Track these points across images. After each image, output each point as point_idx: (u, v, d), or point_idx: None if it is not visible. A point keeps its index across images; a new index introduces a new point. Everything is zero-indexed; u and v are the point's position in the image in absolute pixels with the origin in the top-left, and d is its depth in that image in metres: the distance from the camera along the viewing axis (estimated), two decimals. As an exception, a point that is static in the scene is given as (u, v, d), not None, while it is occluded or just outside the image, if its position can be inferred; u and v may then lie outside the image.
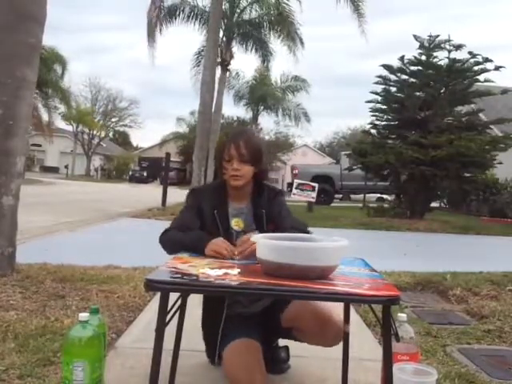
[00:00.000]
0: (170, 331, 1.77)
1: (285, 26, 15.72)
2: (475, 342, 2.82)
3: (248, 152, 2.06)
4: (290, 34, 16.09)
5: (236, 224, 2.13)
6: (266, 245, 1.61)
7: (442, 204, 16.84)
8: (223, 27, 16.26)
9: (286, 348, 2.27)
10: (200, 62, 17.86)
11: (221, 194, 2.15)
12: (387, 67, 12.25)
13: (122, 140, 60.01)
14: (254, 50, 18.05)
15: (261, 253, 1.61)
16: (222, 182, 2.17)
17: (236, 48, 17.93)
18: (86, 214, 9.79)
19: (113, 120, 49.86)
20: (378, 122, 12.97)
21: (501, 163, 11.69)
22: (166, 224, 2.11)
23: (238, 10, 17.27)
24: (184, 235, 2.01)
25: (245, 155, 2.05)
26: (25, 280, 3.48)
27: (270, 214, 2.13)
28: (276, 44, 17.11)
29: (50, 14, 3.89)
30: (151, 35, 15.00)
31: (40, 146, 42.16)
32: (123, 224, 8.90)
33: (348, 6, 13.66)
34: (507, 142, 11.38)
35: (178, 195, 14.94)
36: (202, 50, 17.19)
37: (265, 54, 18.13)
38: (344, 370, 2.07)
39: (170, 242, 2.04)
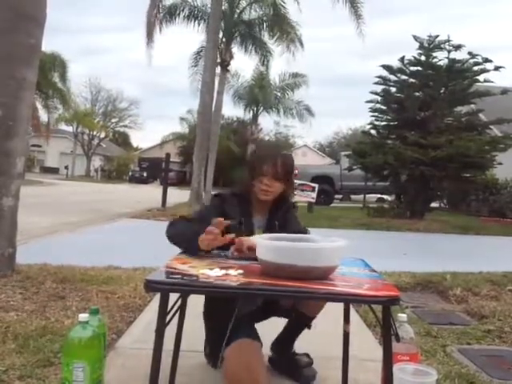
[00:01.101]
0: (170, 332, 1.77)
1: (283, 26, 15.73)
2: (475, 342, 2.82)
3: (283, 171, 2.11)
4: (289, 35, 16.10)
5: (259, 234, 2.13)
6: (266, 245, 1.61)
7: (442, 204, 16.83)
8: (223, 27, 16.27)
9: (307, 355, 2.27)
10: (198, 61, 17.89)
11: (247, 204, 2.18)
12: (387, 68, 12.26)
13: (122, 141, 59.98)
14: (253, 51, 18.06)
15: (261, 253, 1.61)
16: (247, 192, 2.19)
17: (236, 48, 17.95)
18: (86, 215, 9.79)
19: (113, 121, 49.85)
20: (377, 123, 12.98)
21: (500, 163, 11.69)
22: (166, 224, 2.10)
23: (238, 11, 17.27)
24: (187, 228, 2.00)
25: (279, 174, 2.10)
26: (25, 281, 3.48)
27: (284, 225, 2.16)
28: (275, 44, 17.10)
29: (50, 15, 3.90)
30: (150, 35, 15.01)
31: (40, 146, 42.15)
32: (123, 224, 8.90)
33: (346, 7, 13.70)
34: (507, 143, 11.39)
35: (177, 196, 14.97)
36: (201, 50, 17.21)
37: (264, 55, 18.14)
38: (344, 369, 2.08)
39: (175, 234, 2.02)
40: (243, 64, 22.87)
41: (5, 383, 1.96)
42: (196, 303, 2.06)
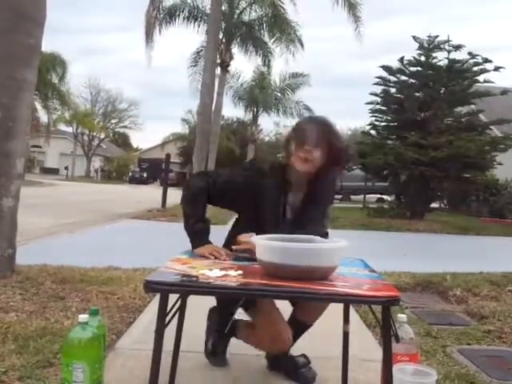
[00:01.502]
0: (170, 332, 1.77)
1: (282, 26, 15.72)
2: (475, 342, 2.82)
3: (324, 138, 1.94)
4: (289, 36, 16.10)
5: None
6: (266, 246, 1.61)
7: (442, 204, 16.84)
8: (223, 28, 16.26)
9: (304, 355, 2.26)
10: (198, 61, 17.88)
11: (282, 180, 2.05)
12: (387, 68, 12.27)
13: (122, 141, 59.98)
14: (254, 51, 18.06)
15: (261, 254, 1.61)
16: (282, 166, 2.06)
17: (236, 49, 17.95)
18: (86, 215, 9.79)
19: (113, 121, 49.88)
20: (377, 123, 12.99)
21: (500, 164, 11.70)
22: (166, 225, 2.10)
23: (238, 11, 17.28)
24: (196, 213, 2.02)
25: (319, 139, 1.93)
26: (25, 281, 3.48)
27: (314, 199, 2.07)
28: (275, 44, 17.09)
29: (50, 15, 3.90)
30: (149, 36, 15.00)
31: (40, 147, 42.15)
32: (123, 225, 8.90)
33: (345, 9, 13.71)
34: (507, 143, 11.40)
35: (177, 196, 14.95)
36: (201, 51, 17.20)
37: (265, 55, 18.13)
38: (344, 370, 2.08)
39: (189, 200, 2.04)
40: (243, 64, 22.88)
41: (5, 384, 1.96)
42: (196, 304, 2.06)
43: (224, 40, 16.96)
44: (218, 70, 16.18)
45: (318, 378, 2.18)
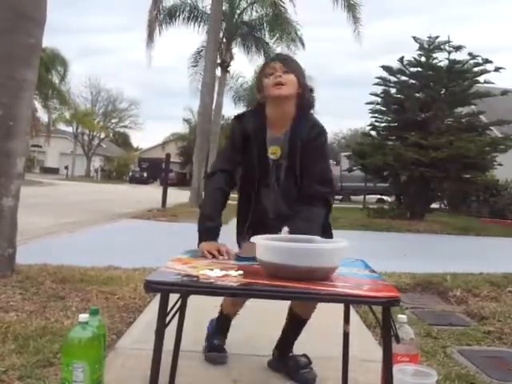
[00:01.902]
0: (170, 332, 1.77)
1: (283, 26, 15.73)
2: (475, 343, 2.82)
3: (291, 62, 2.06)
4: (290, 35, 16.10)
5: (273, 152, 2.10)
6: (267, 246, 1.61)
7: (442, 205, 16.84)
8: (223, 28, 16.28)
9: (305, 355, 2.25)
10: (198, 61, 17.90)
11: (260, 118, 2.10)
12: (387, 68, 12.27)
13: (122, 141, 60.02)
14: (255, 51, 18.07)
15: (261, 254, 1.61)
16: (260, 106, 2.11)
17: (236, 49, 17.96)
18: (86, 215, 9.79)
19: (113, 121, 49.92)
20: (377, 124, 12.99)
21: (501, 165, 11.70)
22: (167, 225, 2.10)
23: (238, 11, 17.29)
24: (206, 212, 2.04)
25: (288, 65, 2.02)
26: (25, 281, 3.48)
27: (306, 149, 2.05)
28: (276, 44, 17.09)
29: (50, 15, 3.90)
30: (150, 36, 15.01)
31: (40, 146, 42.19)
32: (123, 225, 8.90)
33: (344, 10, 13.73)
34: (507, 144, 11.39)
35: (177, 196, 14.97)
36: (201, 51, 17.22)
37: (267, 55, 18.14)
38: (344, 370, 2.07)
39: (204, 197, 2.13)
40: (244, 64, 22.88)
41: (5, 383, 1.96)
42: (196, 304, 2.06)
43: (224, 40, 16.98)
44: (219, 70, 16.19)
45: (318, 378, 2.18)
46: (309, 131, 2.06)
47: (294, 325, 2.22)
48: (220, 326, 2.40)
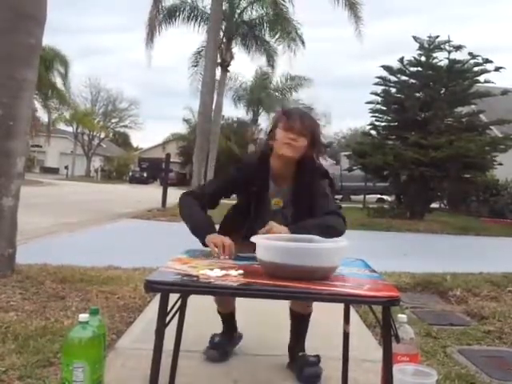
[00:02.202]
0: (170, 332, 1.77)
1: (283, 25, 15.72)
2: (475, 342, 2.82)
3: (308, 126, 2.04)
4: (290, 34, 16.09)
5: (276, 203, 2.13)
6: (266, 246, 1.61)
7: (442, 205, 16.83)
8: (223, 28, 16.27)
9: (317, 356, 2.25)
10: (199, 61, 17.89)
11: (264, 172, 2.11)
12: (387, 68, 12.26)
13: (122, 141, 59.98)
14: (256, 51, 18.06)
15: (261, 254, 1.61)
16: (264, 157, 2.13)
17: (237, 48, 17.95)
18: (86, 215, 9.78)
19: (113, 121, 49.90)
20: (377, 123, 12.98)
21: (501, 164, 11.69)
22: (167, 224, 2.11)
23: (238, 11, 17.28)
24: (195, 213, 2.04)
25: (306, 127, 2.02)
26: (25, 281, 3.48)
27: (311, 194, 2.08)
28: (277, 43, 17.09)
29: (50, 15, 3.90)
30: (151, 36, 15.00)
31: (40, 146, 42.16)
32: (123, 225, 8.90)
33: (346, 9, 13.72)
34: (507, 143, 11.39)
35: (177, 196, 14.95)
36: (201, 50, 17.21)
37: (269, 54, 18.14)
38: (344, 370, 2.08)
39: (184, 209, 2.08)
40: (244, 64, 22.92)
41: (5, 383, 1.96)
42: (196, 303, 2.06)
43: (224, 39, 16.97)
44: (219, 70, 16.19)
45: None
46: (312, 178, 2.10)
47: (297, 323, 2.22)
48: (222, 323, 2.41)
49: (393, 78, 12.46)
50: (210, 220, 2.04)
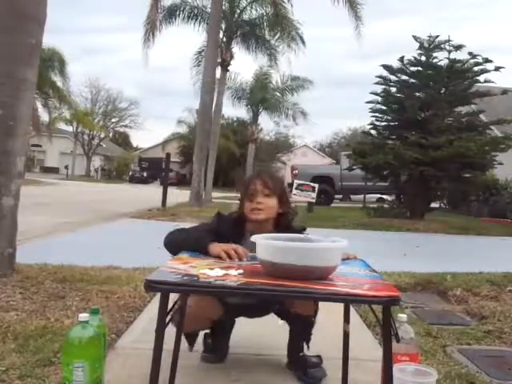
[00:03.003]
0: (170, 332, 1.77)
1: (283, 25, 15.71)
2: (475, 342, 2.82)
3: (272, 183, 2.15)
4: (290, 34, 16.08)
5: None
6: (266, 245, 1.61)
7: (442, 204, 16.83)
8: (223, 27, 16.26)
9: (318, 356, 2.26)
10: (201, 61, 17.85)
11: (239, 230, 2.18)
12: (387, 67, 12.25)
13: (122, 140, 60.00)
14: (256, 50, 18.06)
15: (261, 253, 1.61)
16: (241, 216, 2.21)
17: (237, 48, 17.94)
18: (86, 215, 9.79)
19: (113, 120, 49.91)
20: (377, 123, 12.96)
21: (501, 164, 11.69)
22: (166, 224, 2.11)
23: (238, 10, 17.27)
24: (189, 234, 2.06)
25: (269, 187, 2.13)
26: (25, 280, 3.48)
27: None
28: (277, 43, 17.07)
29: (50, 15, 3.90)
30: (148, 34, 14.97)
31: (40, 146, 42.17)
32: (123, 224, 8.90)
33: (346, 8, 13.71)
34: (507, 143, 11.38)
35: (178, 196, 14.96)
36: (203, 51, 17.18)
37: (270, 54, 18.14)
38: (344, 370, 2.08)
39: (174, 241, 2.06)
40: (244, 64, 22.91)
41: (5, 383, 1.96)
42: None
43: (224, 39, 16.97)
44: (219, 70, 16.18)
45: (318, 377, 2.18)
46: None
47: (299, 323, 2.20)
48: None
49: (393, 78, 12.44)
50: (205, 231, 2.07)
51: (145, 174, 41.77)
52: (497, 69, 11.24)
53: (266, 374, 2.23)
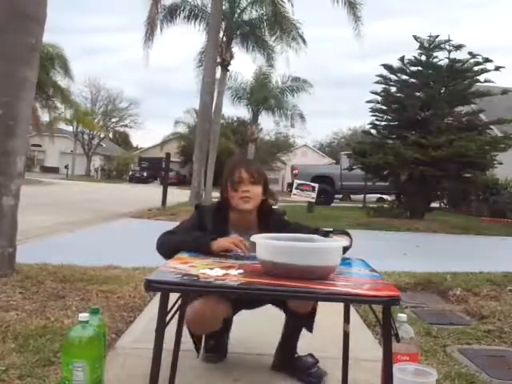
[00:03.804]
0: (170, 332, 1.77)
1: (283, 25, 15.70)
2: (475, 342, 2.82)
3: (256, 173, 2.11)
4: (291, 34, 16.07)
5: None
6: (266, 245, 1.61)
7: (442, 204, 16.83)
8: (223, 27, 16.25)
9: (311, 355, 2.26)
10: (203, 62, 17.83)
11: (221, 222, 2.14)
12: (387, 67, 12.25)
13: (122, 140, 60.01)
14: (255, 50, 18.05)
15: (261, 253, 1.61)
16: (223, 206, 2.17)
17: (237, 48, 17.93)
18: (86, 214, 9.79)
19: (113, 120, 49.91)
20: (377, 122, 12.97)
21: (501, 163, 11.69)
22: (166, 224, 2.11)
23: (239, 10, 17.26)
24: (185, 235, 2.04)
25: (254, 175, 2.10)
26: (25, 280, 3.48)
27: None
28: (276, 43, 17.06)
29: (50, 15, 3.90)
30: (149, 34, 14.96)
31: (40, 146, 42.16)
32: (123, 224, 8.90)
33: (345, 8, 13.71)
34: (507, 143, 11.38)
35: (178, 195, 14.96)
36: (205, 51, 17.18)
37: (268, 54, 18.12)
38: (344, 369, 2.08)
39: (169, 244, 2.04)
40: (244, 64, 22.91)
41: (5, 383, 1.96)
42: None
43: (224, 39, 16.95)
44: (219, 69, 16.17)
45: (318, 377, 2.18)
46: (277, 222, 2.16)
47: (294, 322, 2.20)
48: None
49: (393, 77, 12.45)
50: (200, 233, 2.05)
51: (145, 174, 41.76)
52: (497, 68, 11.24)
53: (266, 374, 2.23)
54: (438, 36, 11.85)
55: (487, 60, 11.40)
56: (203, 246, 1.94)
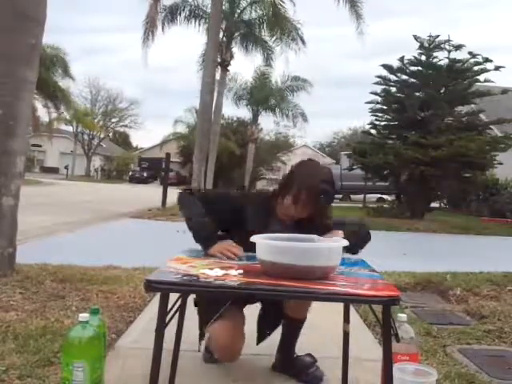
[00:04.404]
0: (170, 332, 1.77)
1: (282, 25, 15.69)
2: (475, 342, 2.82)
3: (326, 201, 2.03)
4: (290, 34, 16.07)
5: None
6: (266, 245, 1.61)
7: (442, 204, 16.83)
8: (223, 27, 16.25)
9: (310, 354, 2.26)
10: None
11: (264, 217, 2.06)
12: (387, 67, 12.26)
13: (122, 140, 59.97)
14: (255, 50, 18.05)
15: (260, 253, 1.61)
16: (266, 201, 2.11)
17: (236, 48, 17.93)
18: (86, 215, 9.78)
19: (113, 120, 49.86)
20: (377, 123, 12.99)
21: (501, 163, 11.69)
22: (166, 224, 2.11)
23: (238, 11, 17.26)
24: (195, 216, 1.98)
25: (311, 206, 1.99)
26: (25, 280, 3.48)
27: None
28: (276, 43, 17.06)
29: (50, 15, 3.90)
30: (148, 34, 14.94)
31: (40, 146, 42.14)
32: (123, 224, 8.90)
33: (346, 7, 13.68)
34: (507, 143, 11.39)
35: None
36: (205, 51, 17.18)
37: (267, 54, 18.12)
38: (344, 369, 2.08)
39: (187, 206, 2.04)
40: (244, 64, 22.90)
41: (5, 383, 1.96)
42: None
43: (224, 39, 16.95)
44: (219, 70, 16.17)
45: (318, 377, 2.18)
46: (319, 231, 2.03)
47: (292, 327, 2.21)
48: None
49: (393, 77, 12.46)
50: (211, 225, 1.96)
51: (145, 174, 41.73)
52: (497, 68, 11.25)
53: (265, 375, 2.23)
54: (437, 36, 11.87)
55: (487, 60, 11.40)
56: (202, 244, 1.94)
